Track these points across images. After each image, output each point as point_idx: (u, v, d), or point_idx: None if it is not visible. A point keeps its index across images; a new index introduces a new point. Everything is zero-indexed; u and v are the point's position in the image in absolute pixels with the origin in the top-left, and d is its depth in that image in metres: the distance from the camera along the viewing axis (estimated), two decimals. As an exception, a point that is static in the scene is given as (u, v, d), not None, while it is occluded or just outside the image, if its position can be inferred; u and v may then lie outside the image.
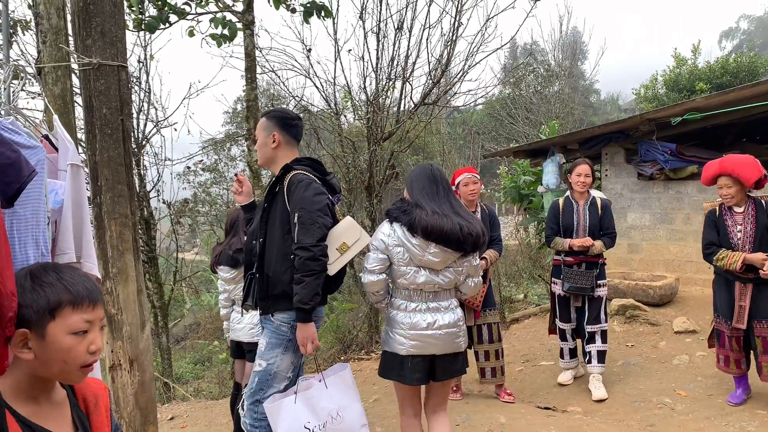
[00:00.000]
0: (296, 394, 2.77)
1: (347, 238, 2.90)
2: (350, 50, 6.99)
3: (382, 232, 2.99)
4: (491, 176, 19.12)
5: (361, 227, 2.99)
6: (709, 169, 4.35)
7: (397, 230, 2.94)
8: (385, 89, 7.49)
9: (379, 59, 7.51)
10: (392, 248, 2.94)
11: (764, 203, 4.27)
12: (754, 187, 4.21)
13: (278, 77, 8.02)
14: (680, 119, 7.02)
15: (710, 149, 8.17)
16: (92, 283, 1.36)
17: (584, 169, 4.86)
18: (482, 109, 23.61)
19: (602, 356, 4.91)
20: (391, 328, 3.01)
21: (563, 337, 5.09)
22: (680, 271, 7.69)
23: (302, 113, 8.13)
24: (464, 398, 4.88)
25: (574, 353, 5.16)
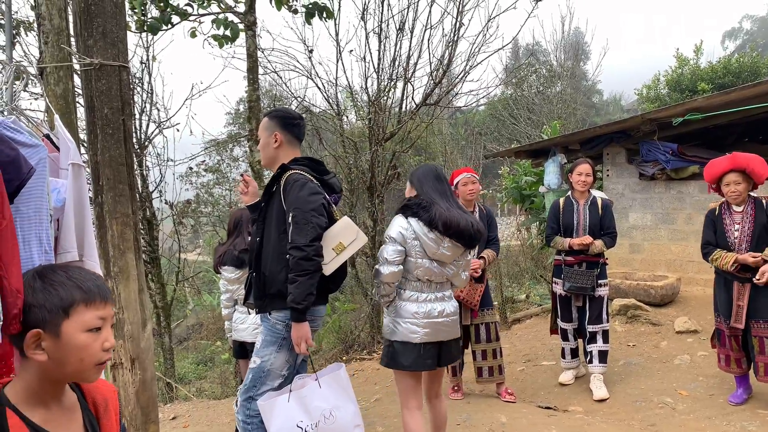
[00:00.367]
0: (290, 392, 2.79)
1: (343, 238, 2.91)
2: (351, 51, 7.02)
3: (399, 225, 3.13)
4: (493, 177, 19.13)
5: (357, 228, 3.00)
6: (717, 165, 4.29)
7: (413, 224, 3.10)
8: (386, 90, 7.50)
9: (380, 60, 7.53)
10: (410, 241, 3.10)
11: (764, 203, 4.27)
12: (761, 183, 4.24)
13: (280, 78, 8.06)
14: (681, 119, 7.02)
15: (712, 149, 8.16)
16: (101, 280, 1.36)
17: (585, 168, 4.87)
18: (484, 109, 23.63)
19: (604, 356, 4.91)
20: (401, 318, 3.15)
21: (565, 336, 5.09)
22: (682, 271, 7.69)
23: (304, 114, 8.15)
24: (465, 398, 4.88)
25: (575, 353, 5.16)
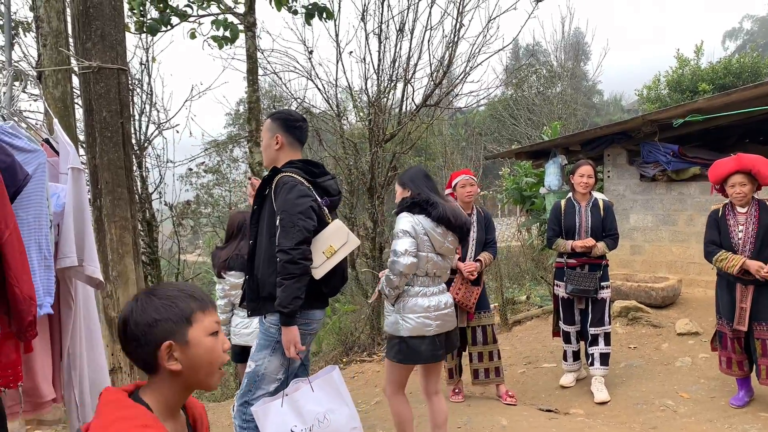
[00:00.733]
0: (284, 397, 2.79)
1: (334, 241, 2.93)
2: (351, 52, 7.01)
3: (408, 221, 3.26)
4: (494, 177, 19.12)
5: (349, 231, 3.01)
6: (723, 166, 4.27)
7: (421, 221, 3.25)
8: (386, 91, 7.49)
9: (380, 61, 7.52)
10: (420, 236, 3.24)
11: None
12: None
13: (280, 79, 8.04)
14: (682, 121, 7.00)
15: (713, 151, 8.14)
16: (201, 290, 1.45)
17: (587, 170, 4.85)
18: (484, 110, 23.60)
19: (605, 359, 4.89)
20: (414, 314, 3.27)
21: (567, 339, 5.07)
22: (683, 272, 7.67)
23: (304, 115, 8.15)
24: (466, 400, 4.87)
25: (577, 356, 5.14)
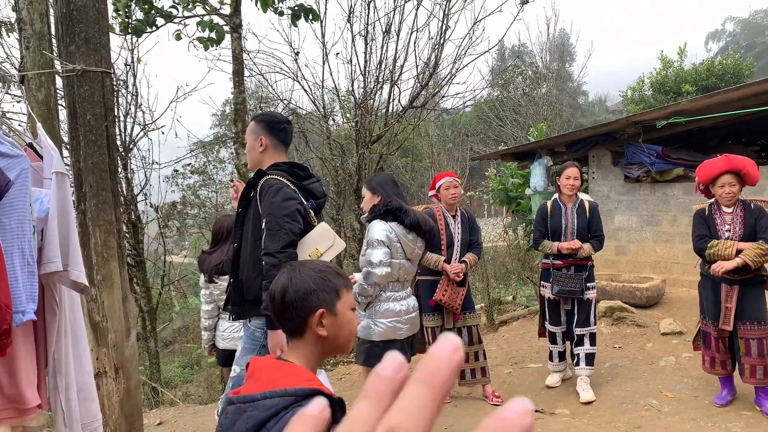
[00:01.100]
0: None
1: (320, 244, 2.92)
2: (338, 54, 6.99)
3: (382, 229, 3.34)
4: (480, 178, 19.18)
5: (335, 234, 3.01)
6: (713, 166, 4.31)
7: (394, 228, 3.35)
8: (373, 92, 7.50)
9: (367, 62, 7.52)
10: (394, 243, 3.33)
11: (752, 205, 4.31)
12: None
13: (266, 80, 8.01)
14: (665, 122, 7.08)
15: (696, 152, 8.24)
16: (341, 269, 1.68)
17: (573, 171, 4.89)
18: (471, 111, 23.69)
19: (590, 359, 4.93)
20: (386, 318, 3.40)
21: (553, 340, 5.10)
22: (667, 272, 7.75)
23: (290, 116, 8.13)
24: (453, 401, 4.88)
25: (562, 356, 5.18)
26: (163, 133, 8.24)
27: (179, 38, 6.52)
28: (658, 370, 5.40)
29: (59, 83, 3.70)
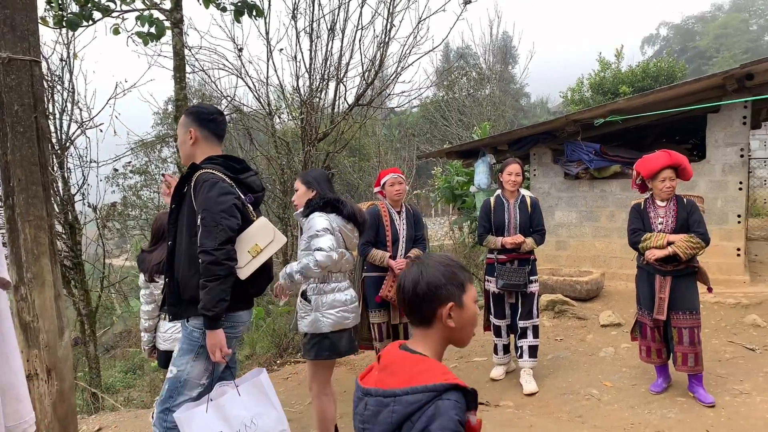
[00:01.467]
0: (209, 402, 2.70)
1: (260, 239, 2.84)
2: (282, 49, 6.90)
3: (324, 219, 3.37)
4: (426, 177, 19.36)
5: (275, 228, 2.93)
6: (656, 161, 4.45)
7: (333, 219, 3.41)
8: (318, 89, 7.46)
9: (312, 59, 7.48)
10: (336, 233, 3.37)
11: (685, 200, 4.49)
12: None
13: (209, 77, 7.86)
14: (603, 120, 7.30)
15: (632, 149, 8.53)
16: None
17: (515, 168, 4.98)
18: (417, 111, 23.89)
19: (534, 351, 5.03)
20: (333, 309, 3.45)
21: (498, 333, 5.19)
22: (605, 266, 8.00)
23: (234, 114, 8.00)
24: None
25: (507, 349, 5.27)
26: (101, 130, 7.98)
27: (117, 33, 6.31)
28: (597, 360, 5.56)
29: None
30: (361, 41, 7.67)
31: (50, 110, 7.66)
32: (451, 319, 1.56)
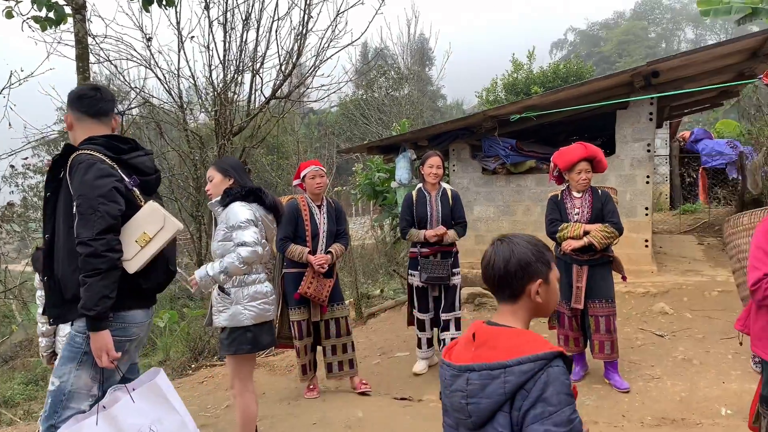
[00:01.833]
0: (99, 413, 2.38)
1: (148, 227, 2.54)
2: (193, 36, 6.57)
3: (247, 210, 3.19)
4: (347, 175, 19.27)
5: (166, 213, 2.62)
6: (572, 153, 4.54)
7: (255, 210, 3.25)
8: (233, 81, 7.20)
9: (226, 50, 7.20)
10: (258, 224, 3.23)
11: (600, 192, 4.62)
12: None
13: (115, 67, 7.41)
14: (519, 116, 7.45)
15: (546, 145, 8.77)
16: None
17: (435, 160, 4.97)
18: (337, 110, 23.76)
19: (455, 343, 5.03)
20: (255, 301, 3.32)
21: (421, 327, 5.15)
22: (523, 259, 8.15)
23: (142, 106, 7.60)
24: (321, 396, 4.77)
25: (430, 342, 5.24)
26: (-7, 123, 7.35)
27: (10, 16, 5.83)
28: (517, 351, 5.63)
29: None
30: (277, 32, 7.48)
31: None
32: (538, 294, 1.64)
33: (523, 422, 1.47)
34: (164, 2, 6.18)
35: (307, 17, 6.97)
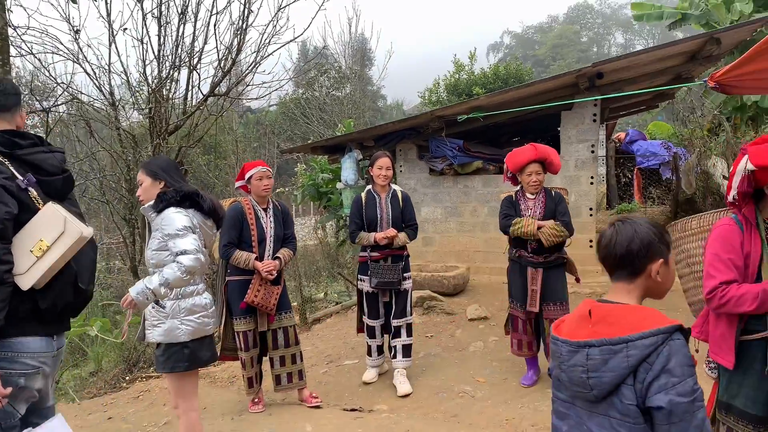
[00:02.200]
0: None
1: (46, 233, 2.19)
2: (126, 29, 6.13)
3: (184, 216, 2.93)
4: (288, 176, 18.92)
5: (69, 216, 2.27)
6: (522, 154, 4.46)
7: (192, 216, 3.00)
8: (168, 77, 6.81)
9: (161, 45, 6.80)
10: (197, 231, 2.99)
11: (553, 193, 4.56)
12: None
13: (39, 61, 6.88)
14: (466, 117, 7.38)
15: (491, 146, 8.77)
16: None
17: (385, 162, 4.79)
18: (277, 109, 23.32)
19: (407, 350, 4.87)
20: (193, 315, 3.07)
21: (372, 334, 4.96)
22: (470, 260, 8.11)
23: (69, 102, 7.11)
24: (267, 409, 4.52)
25: (381, 350, 5.07)
26: None
27: None
28: (468, 356, 5.53)
29: None
30: (216, 26, 7.12)
31: None
32: (658, 274, 1.68)
33: (646, 393, 1.52)
34: (93, -8, 5.78)
35: (247, 11, 6.66)
